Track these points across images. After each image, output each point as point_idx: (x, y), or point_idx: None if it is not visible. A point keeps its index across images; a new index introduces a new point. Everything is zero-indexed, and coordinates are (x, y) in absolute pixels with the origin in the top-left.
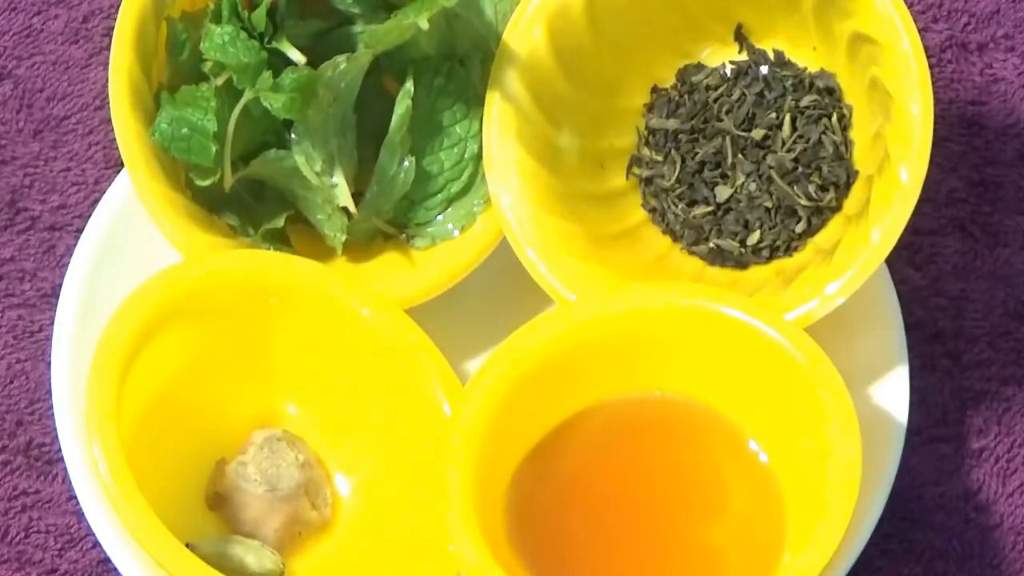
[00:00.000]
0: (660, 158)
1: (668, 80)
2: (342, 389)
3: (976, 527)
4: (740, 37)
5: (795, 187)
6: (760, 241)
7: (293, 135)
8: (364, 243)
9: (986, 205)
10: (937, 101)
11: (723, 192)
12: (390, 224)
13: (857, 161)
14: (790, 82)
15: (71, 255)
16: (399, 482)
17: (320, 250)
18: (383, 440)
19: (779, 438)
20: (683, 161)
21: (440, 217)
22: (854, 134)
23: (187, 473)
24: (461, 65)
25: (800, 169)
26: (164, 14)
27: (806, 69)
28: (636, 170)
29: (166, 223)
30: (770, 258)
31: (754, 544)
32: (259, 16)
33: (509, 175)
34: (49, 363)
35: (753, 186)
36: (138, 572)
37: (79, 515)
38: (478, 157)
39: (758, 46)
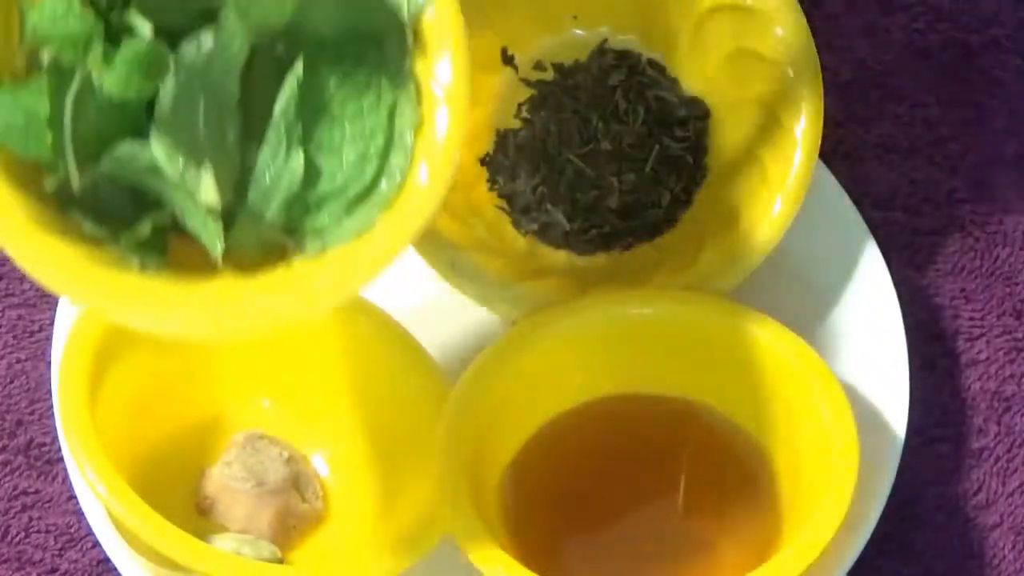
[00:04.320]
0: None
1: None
2: (315, 379)
3: (976, 527)
4: (507, 58)
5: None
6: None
7: (151, 124)
8: (255, 255)
9: (986, 205)
10: (937, 101)
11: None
12: (282, 231)
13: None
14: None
15: None
16: (382, 464)
17: (202, 263)
18: (362, 425)
19: (776, 437)
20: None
21: (340, 221)
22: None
23: (173, 483)
24: (375, 48)
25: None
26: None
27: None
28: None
29: (2, 234)
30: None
31: (751, 542)
32: None
33: None
34: (49, 363)
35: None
36: (138, 572)
37: (79, 515)
38: (384, 152)
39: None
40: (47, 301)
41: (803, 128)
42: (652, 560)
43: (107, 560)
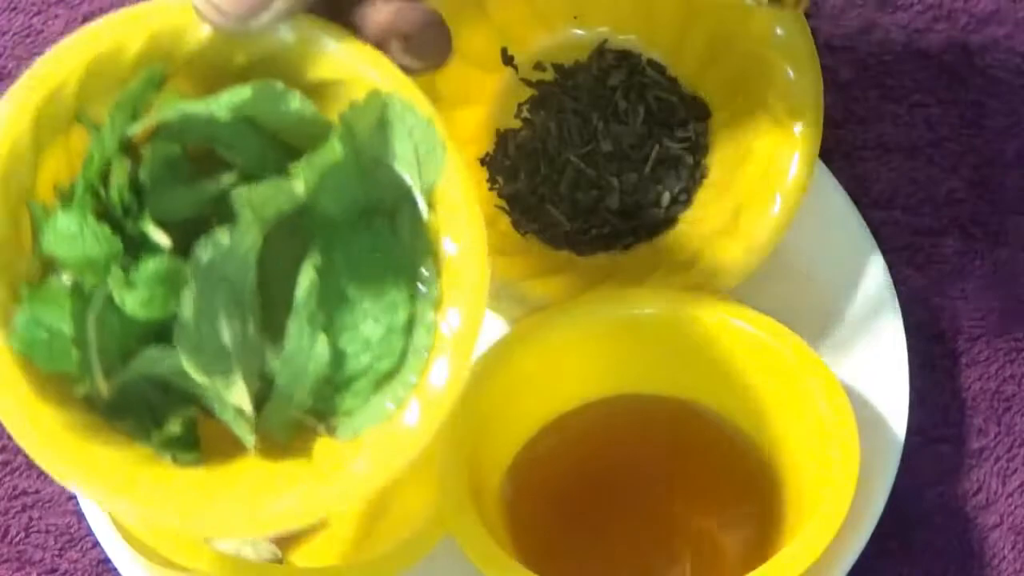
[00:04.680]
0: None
1: None
2: None
3: (976, 527)
4: (507, 58)
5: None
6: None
7: (175, 329)
8: (282, 435)
9: (986, 205)
10: (937, 101)
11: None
12: (311, 414)
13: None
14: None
15: None
16: None
17: (236, 449)
18: None
19: (776, 437)
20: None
21: (369, 403)
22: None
23: None
24: (388, 222)
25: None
26: (23, 195)
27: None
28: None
29: (36, 445)
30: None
31: (751, 542)
32: (115, 191)
33: None
34: None
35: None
36: (138, 572)
37: (79, 515)
38: (408, 327)
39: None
40: None
41: (803, 128)
42: (652, 560)
43: (107, 560)
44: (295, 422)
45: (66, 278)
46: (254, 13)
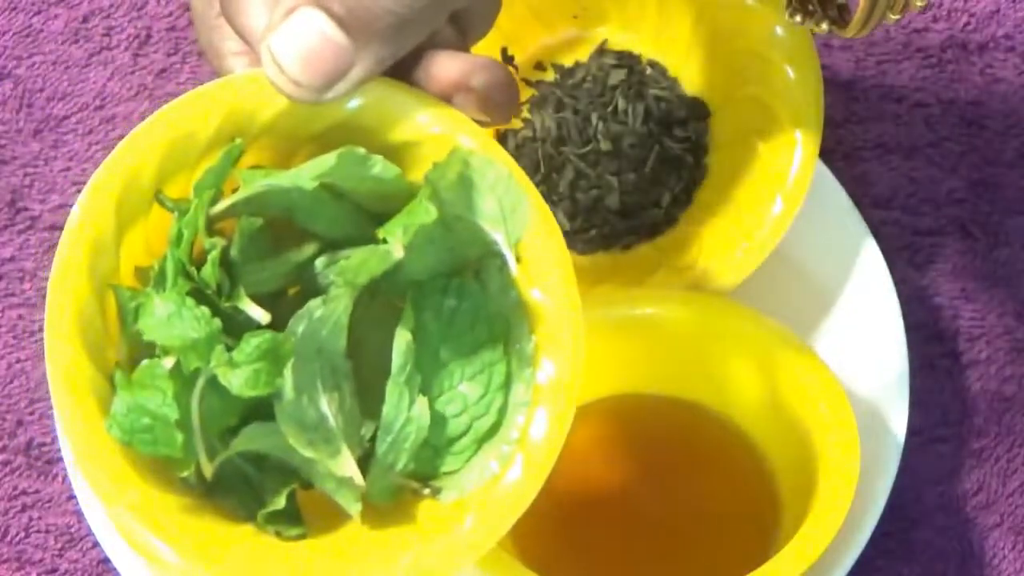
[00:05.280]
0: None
1: None
2: None
3: (976, 527)
4: (506, 57)
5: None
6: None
7: (276, 407)
8: (387, 502)
9: (986, 205)
10: (937, 101)
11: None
12: (413, 478)
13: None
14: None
15: None
16: None
17: (337, 516)
18: None
19: (776, 437)
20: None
21: (471, 462)
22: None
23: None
24: (475, 278)
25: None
26: (108, 281)
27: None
28: None
29: (153, 532)
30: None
31: (751, 542)
32: (209, 271)
33: None
34: None
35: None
36: (138, 572)
37: (79, 515)
38: (505, 384)
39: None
40: None
41: (803, 128)
42: (652, 560)
43: (107, 560)
44: (397, 487)
45: (167, 362)
46: (330, 84)
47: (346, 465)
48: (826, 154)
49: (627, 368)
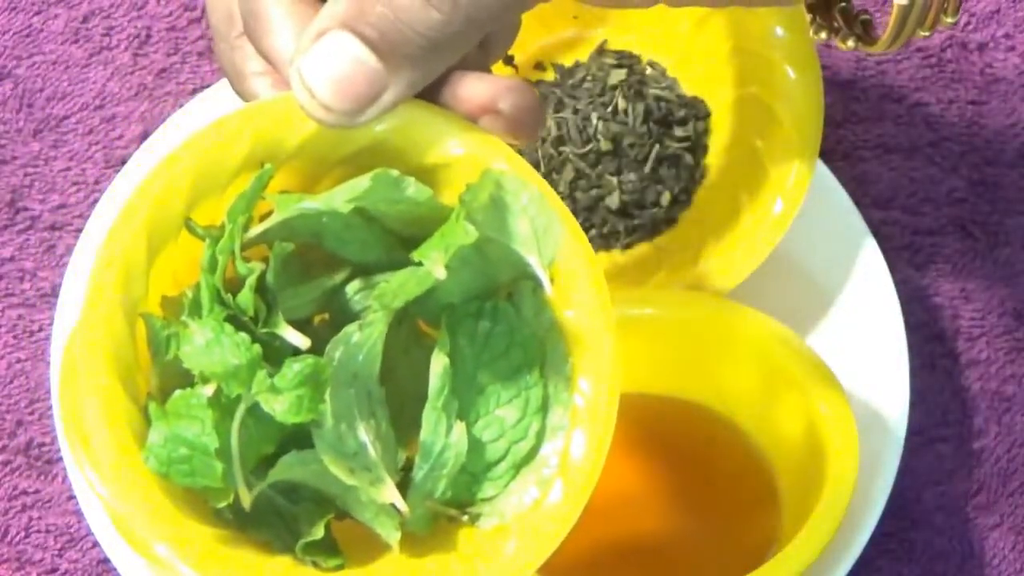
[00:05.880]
0: None
1: None
2: None
3: (976, 527)
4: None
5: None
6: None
7: (314, 434)
8: (425, 530)
9: (986, 205)
10: (937, 101)
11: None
12: (450, 505)
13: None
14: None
15: (71, 255)
16: None
17: (373, 546)
18: None
19: (776, 437)
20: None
21: (509, 487)
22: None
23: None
24: (508, 300)
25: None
26: (138, 309)
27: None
28: None
29: (194, 565)
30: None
31: (751, 542)
32: (245, 297)
33: None
34: (49, 363)
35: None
36: (138, 572)
37: (79, 515)
38: (542, 408)
39: None
40: (47, 301)
41: (803, 128)
42: (652, 559)
43: (107, 560)
44: (435, 515)
45: (206, 390)
46: (362, 109)
47: (388, 492)
48: (826, 154)
49: (627, 368)
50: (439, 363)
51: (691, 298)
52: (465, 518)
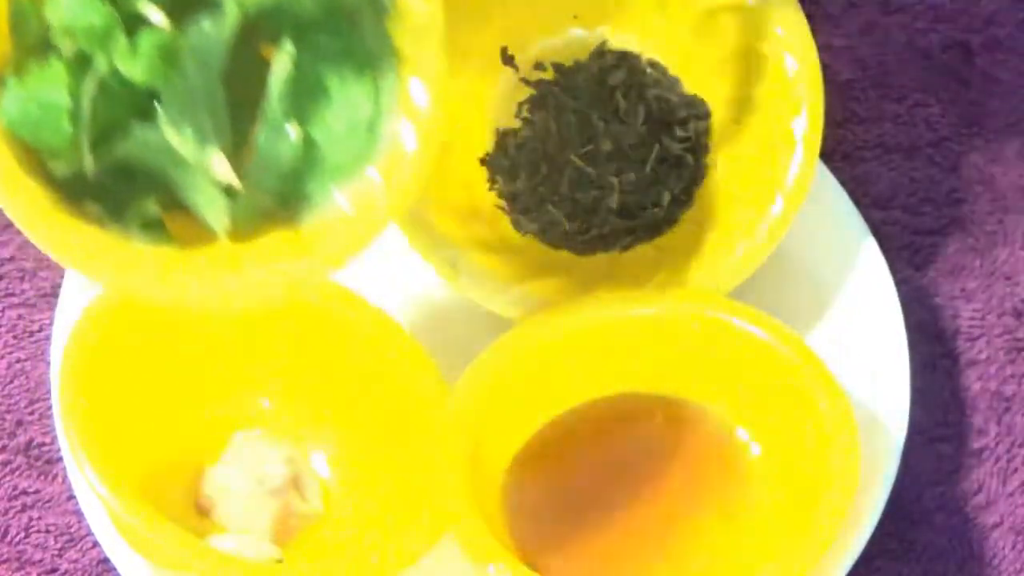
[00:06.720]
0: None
1: None
2: (315, 379)
3: (976, 527)
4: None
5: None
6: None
7: (160, 108)
8: (248, 225)
9: (986, 205)
10: (937, 101)
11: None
12: (278, 202)
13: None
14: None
15: None
16: (382, 464)
17: (199, 235)
18: (362, 426)
19: (776, 437)
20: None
21: (331, 191)
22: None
23: (173, 483)
24: (353, 20)
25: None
26: None
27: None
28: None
29: (26, 217)
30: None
31: (751, 542)
32: None
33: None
34: (49, 363)
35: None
36: (138, 572)
37: (79, 515)
38: (370, 123)
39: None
40: (47, 301)
41: (803, 128)
42: (652, 560)
43: (107, 560)
44: (262, 211)
45: (67, 48)
46: None
47: (224, 169)
48: (826, 154)
49: (627, 368)
50: (282, 67)
51: (691, 298)
52: (290, 216)
